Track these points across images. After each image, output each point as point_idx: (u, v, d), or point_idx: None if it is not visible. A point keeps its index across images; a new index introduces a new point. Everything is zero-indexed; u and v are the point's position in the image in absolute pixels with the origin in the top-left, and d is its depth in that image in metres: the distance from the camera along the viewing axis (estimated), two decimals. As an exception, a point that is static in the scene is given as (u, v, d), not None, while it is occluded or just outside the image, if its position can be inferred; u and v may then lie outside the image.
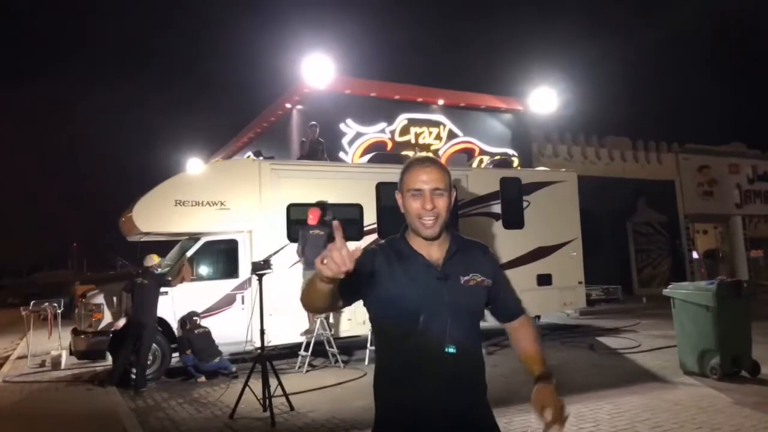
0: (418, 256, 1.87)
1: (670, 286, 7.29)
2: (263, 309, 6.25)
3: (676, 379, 6.79)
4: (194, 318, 8.12)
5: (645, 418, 5.22)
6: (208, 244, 8.70)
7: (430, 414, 1.78)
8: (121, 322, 7.79)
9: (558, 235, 11.27)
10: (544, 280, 10.98)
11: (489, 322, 2.19)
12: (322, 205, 8.98)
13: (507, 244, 10.60)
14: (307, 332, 8.47)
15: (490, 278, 1.93)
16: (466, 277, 1.87)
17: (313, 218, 8.66)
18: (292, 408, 6.02)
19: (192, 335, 7.98)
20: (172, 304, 8.12)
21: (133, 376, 7.43)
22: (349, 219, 9.43)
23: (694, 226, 21.56)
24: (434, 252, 1.89)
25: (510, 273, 9.70)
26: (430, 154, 2.05)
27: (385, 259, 1.87)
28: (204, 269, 8.73)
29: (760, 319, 6.88)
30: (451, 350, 1.79)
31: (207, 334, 8.07)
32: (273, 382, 5.91)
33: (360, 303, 1.90)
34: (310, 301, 1.76)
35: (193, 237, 8.79)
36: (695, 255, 21.05)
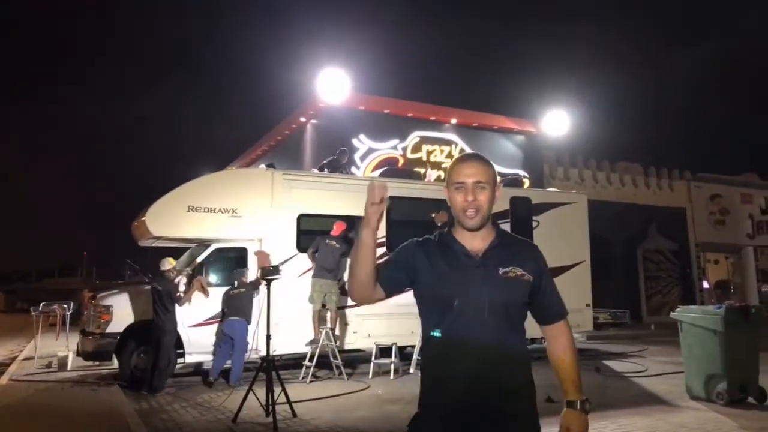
0: (459, 245, 1.96)
1: (678, 309, 7.26)
2: (270, 316, 6.30)
3: (682, 403, 6.73)
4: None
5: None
6: (218, 252, 8.78)
7: (461, 395, 1.85)
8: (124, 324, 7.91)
9: (566, 256, 11.24)
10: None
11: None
12: (348, 219, 9.03)
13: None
14: (312, 342, 8.49)
15: (532, 275, 1.95)
16: (506, 269, 1.91)
17: (336, 230, 8.76)
18: (294, 415, 6.03)
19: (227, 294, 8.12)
20: (179, 310, 8.17)
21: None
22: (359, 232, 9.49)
23: (705, 255, 21.40)
24: (476, 243, 1.96)
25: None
26: (474, 152, 2.20)
27: (427, 248, 1.99)
28: (213, 276, 8.79)
29: (765, 343, 6.80)
30: (477, 335, 1.86)
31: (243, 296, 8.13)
32: (277, 389, 5.93)
33: (365, 316, 2.05)
34: (357, 268, 1.92)
35: (204, 244, 8.88)
36: (705, 285, 20.86)
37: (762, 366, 6.68)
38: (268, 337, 6.14)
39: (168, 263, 7.92)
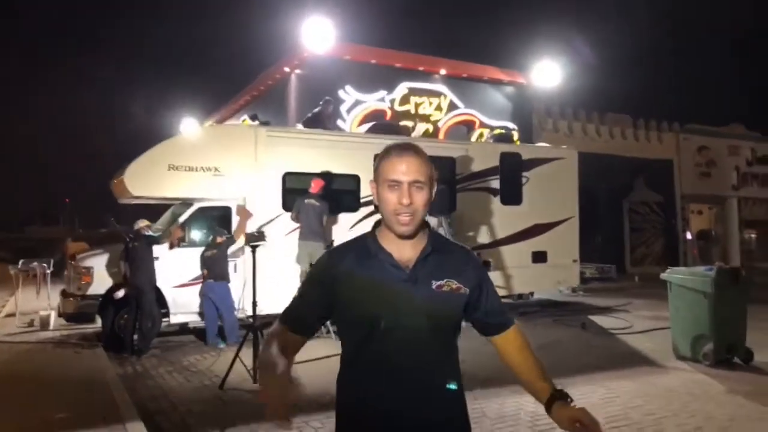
0: (386, 254, 1.67)
1: (668, 270, 7.23)
2: (256, 279, 6.16)
3: (669, 363, 6.78)
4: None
5: (638, 404, 5.20)
6: (201, 210, 8.53)
7: (391, 424, 1.62)
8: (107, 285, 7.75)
9: (555, 212, 11.17)
10: (539, 257, 10.92)
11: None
12: (325, 176, 8.80)
13: (504, 220, 10.51)
14: (299, 303, 8.40)
15: (469, 286, 1.72)
16: (440, 282, 1.67)
17: (314, 187, 8.51)
18: (282, 380, 5.96)
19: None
20: (163, 270, 8.01)
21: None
22: (347, 190, 9.29)
23: (690, 206, 21.52)
24: (406, 251, 1.68)
25: (505, 249, 9.62)
26: (411, 143, 1.76)
27: (346, 257, 1.70)
28: (196, 235, 8.58)
29: (751, 303, 6.84)
30: (407, 363, 1.62)
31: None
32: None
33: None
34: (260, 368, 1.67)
35: (186, 202, 8.63)
36: (689, 236, 21.07)
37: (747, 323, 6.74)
38: (254, 304, 6.00)
39: (141, 222, 7.75)
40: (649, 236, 20.39)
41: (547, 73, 16.13)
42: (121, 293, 7.58)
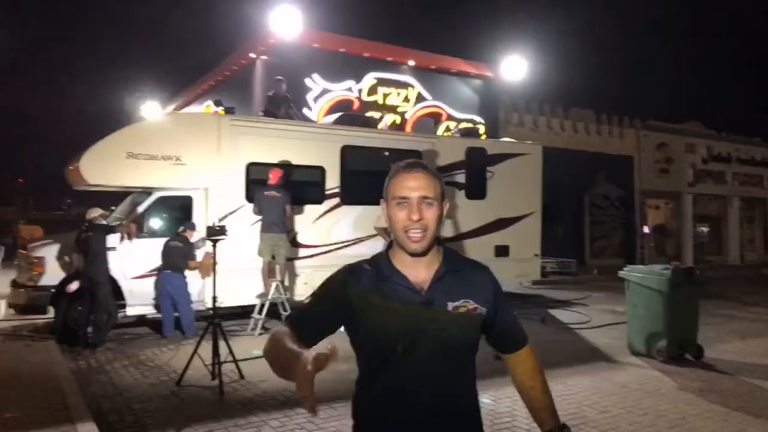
0: (400, 276, 1.64)
1: (626, 268, 7.39)
2: (216, 272, 6.04)
3: (624, 359, 6.95)
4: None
5: (593, 401, 5.31)
6: (162, 200, 8.32)
7: None
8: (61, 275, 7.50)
9: (518, 207, 11.30)
10: (502, 251, 11.05)
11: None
12: (284, 166, 8.68)
13: (468, 214, 10.58)
14: (262, 296, 8.30)
15: (486, 306, 1.68)
16: (456, 303, 1.63)
17: (273, 179, 8.37)
18: (242, 377, 5.89)
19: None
20: (120, 260, 7.80)
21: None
22: (311, 182, 9.19)
23: (647, 201, 22.10)
24: (421, 272, 1.65)
25: (469, 243, 9.72)
26: (420, 161, 1.74)
27: (361, 278, 1.66)
28: (156, 226, 8.37)
29: (702, 298, 7.08)
30: (424, 390, 1.60)
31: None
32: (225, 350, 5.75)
33: (316, 267, 1.70)
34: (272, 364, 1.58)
35: (146, 191, 8.39)
36: (646, 229, 21.67)
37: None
38: (214, 299, 5.89)
39: (95, 211, 7.50)
40: (609, 229, 20.88)
41: (514, 67, 16.24)
42: (74, 285, 7.33)
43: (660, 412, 5.02)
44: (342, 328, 1.71)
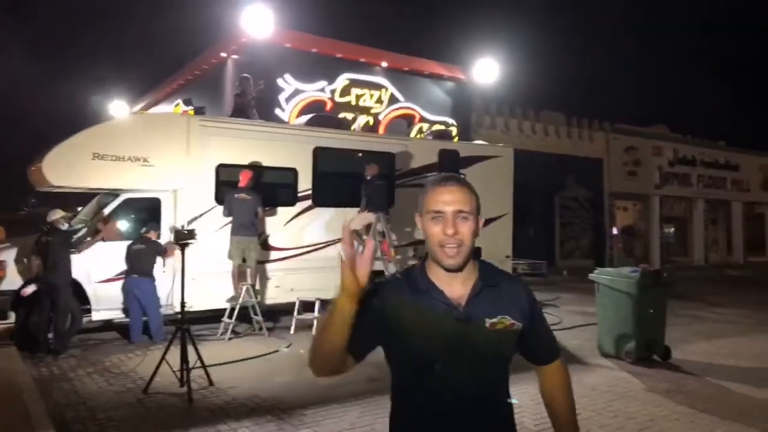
0: (437, 291, 1.61)
1: (596, 271, 7.48)
2: (185, 277, 5.91)
3: (593, 360, 7.04)
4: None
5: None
6: (129, 202, 8.13)
7: None
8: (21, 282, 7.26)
9: (490, 209, 11.35)
10: (474, 253, 11.02)
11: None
12: (254, 168, 8.57)
13: (441, 216, 10.58)
14: (232, 299, 8.17)
15: (522, 320, 1.67)
16: (494, 320, 1.61)
17: (243, 180, 8.25)
18: (211, 383, 5.77)
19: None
20: (85, 264, 7.59)
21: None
22: (283, 184, 9.09)
23: (616, 203, 22.51)
24: (457, 287, 1.63)
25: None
26: (454, 174, 1.78)
27: (398, 294, 1.63)
28: (123, 228, 8.16)
29: (670, 299, 7.23)
30: (462, 407, 1.60)
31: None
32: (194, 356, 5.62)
33: (288, 270, 1.66)
34: (325, 344, 1.57)
35: (113, 192, 8.19)
36: (614, 231, 22.07)
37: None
38: (183, 304, 5.76)
39: (56, 213, 7.26)
40: (578, 231, 21.21)
41: (486, 70, 16.36)
42: (29, 289, 7.06)
43: (629, 414, 5.09)
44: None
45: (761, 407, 5.33)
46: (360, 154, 9.79)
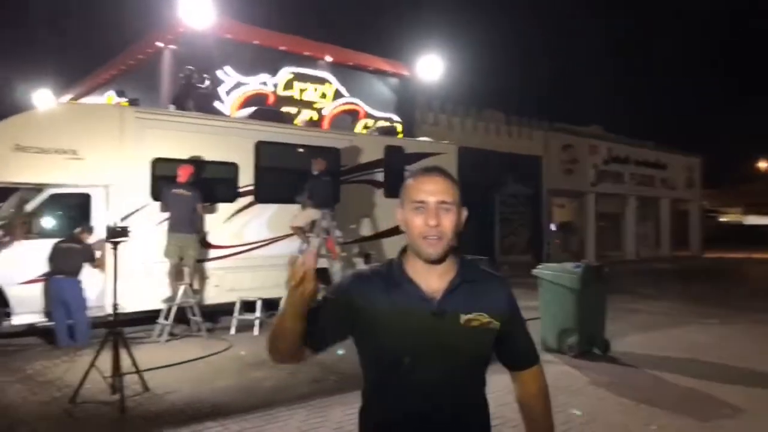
0: (412, 285, 1.56)
1: (539, 266, 7.59)
2: (117, 277, 5.55)
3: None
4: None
5: (510, 400, 5.30)
6: (55, 198, 7.61)
7: None
8: None
9: (435, 206, 11.38)
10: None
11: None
12: (194, 162, 8.21)
13: (387, 212, 10.50)
14: (168, 300, 7.80)
15: (500, 319, 1.60)
16: (469, 316, 1.55)
17: (182, 176, 7.89)
18: (146, 389, 5.45)
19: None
20: (6, 265, 7.05)
21: None
22: (223, 179, 8.77)
23: (554, 200, 23.17)
24: (434, 280, 1.56)
25: (387, 241, 9.62)
26: (438, 165, 1.75)
27: (372, 284, 1.58)
28: (48, 225, 7.64)
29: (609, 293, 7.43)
30: (431, 406, 1.53)
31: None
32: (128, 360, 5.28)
33: (228, 269, 1.56)
34: (279, 340, 1.57)
35: (37, 187, 7.64)
36: (552, 227, 22.72)
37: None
38: (115, 307, 5.41)
39: None
40: (517, 227, 21.68)
41: (430, 67, 16.42)
42: None
43: (575, 407, 5.14)
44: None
45: (696, 397, 5.51)
46: (303, 150, 9.58)
